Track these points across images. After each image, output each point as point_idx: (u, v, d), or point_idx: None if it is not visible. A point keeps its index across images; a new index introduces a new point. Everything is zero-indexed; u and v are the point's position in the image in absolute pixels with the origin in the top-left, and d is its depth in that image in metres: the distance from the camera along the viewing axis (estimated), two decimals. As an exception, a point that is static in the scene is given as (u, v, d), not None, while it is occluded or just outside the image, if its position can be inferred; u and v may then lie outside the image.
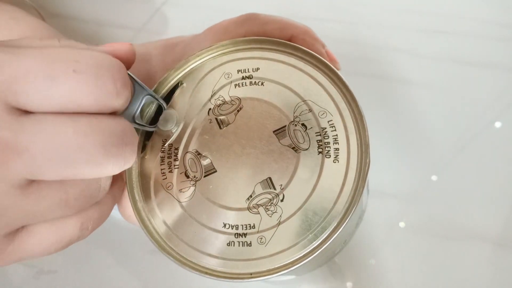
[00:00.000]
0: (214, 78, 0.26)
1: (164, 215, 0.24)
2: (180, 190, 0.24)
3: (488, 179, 0.35)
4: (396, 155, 0.37)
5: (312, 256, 0.21)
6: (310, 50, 0.25)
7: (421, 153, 0.37)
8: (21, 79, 0.17)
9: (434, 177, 0.36)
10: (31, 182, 0.18)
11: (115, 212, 0.37)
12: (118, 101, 0.19)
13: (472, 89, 0.40)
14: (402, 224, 0.34)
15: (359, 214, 0.27)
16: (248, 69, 0.25)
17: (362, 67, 0.41)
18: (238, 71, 0.25)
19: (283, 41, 0.25)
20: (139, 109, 0.23)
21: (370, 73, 0.41)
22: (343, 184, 0.22)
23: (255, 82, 0.25)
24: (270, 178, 0.23)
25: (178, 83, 0.26)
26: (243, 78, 0.25)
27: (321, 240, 0.22)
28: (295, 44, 0.25)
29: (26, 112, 0.18)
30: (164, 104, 0.25)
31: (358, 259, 0.33)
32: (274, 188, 0.23)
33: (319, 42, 0.26)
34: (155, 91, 0.25)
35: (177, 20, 0.45)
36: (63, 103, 0.18)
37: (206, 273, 0.22)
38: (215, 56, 0.26)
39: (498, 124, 0.38)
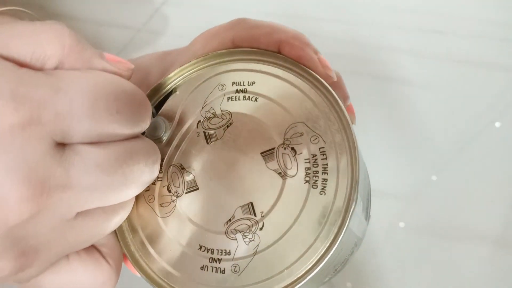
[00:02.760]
0: (208, 88, 0.24)
1: (142, 227, 0.23)
2: (161, 205, 0.23)
3: (488, 179, 0.35)
4: (396, 155, 0.36)
5: None
6: (300, 55, 0.23)
7: (421, 153, 0.37)
8: (66, 119, 0.17)
9: (434, 177, 0.36)
10: (77, 215, 0.19)
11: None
12: (142, 129, 0.21)
13: (472, 89, 0.40)
14: (402, 224, 0.34)
15: (354, 242, 0.25)
16: (243, 82, 0.24)
17: (361, 67, 0.41)
18: (233, 83, 0.24)
19: (282, 56, 0.24)
20: None
21: (369, 73, 0.41)
22: (327, 219, 0.21)
23: (248, 97, 0.23)
24: (251, 203, 0.22)
25: (171, 91, 0.25)
26: (237, 91, 0.24)
27: (297, 277, 0.20)
28: (295, 61, 0.23)
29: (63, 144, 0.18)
30: (154, 111, 0.24)
31: (358, 259, 0.33)
32: (255, 215, 0.21)
33: (311, 48, 0.24)
34: (148, 97, 0.24)
35: (177, 20, 0.45)
36: (101, 136, 0.19)
37: None
38: (211, 64, 0.25)
39: (498, 124, 0.38)
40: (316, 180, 0.21)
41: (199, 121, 0.24)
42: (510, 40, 0.42)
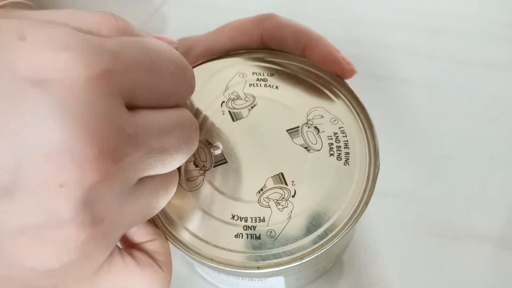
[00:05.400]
0: (228, 74, 0.26)
1: (171, 202, 0.23)
2: (188, 179, 0.24)
3: (487, 179, 0.35)
4: (395, 155, 0.36)
5: (321, 251, 0.22)
6: (325, 53, 0.26)
7: (421, 153, 0.37)
8: (134, 73, 0.17)
9: (433, 177, 0.36)
10: (135, 184, 0.18)
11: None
12: (190, 95, 0.22)
13: (472, 89, 0.39)
14: (402, 224, 0.34)
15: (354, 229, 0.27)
16: (263, 73, 0.26)
17: (361, 67, 0.41)
18: (253, 73, 0.26)
19: (299, 56, 0.26)
20: None
21: (369, 72, 0.41)
22: (354, 186, 0.23)
23: (269, 85, 0.26)
24: (282, 174, 0.23)
25: None
26: (257, 80, 0.26)
27: (330, 236, 0.22)
28: (308, 60, 0.26)
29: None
30: None
31: (358, 259, 0.33)
32: (286, 184, 0.23)
33: (334, 48, 0.26)
34: None
35: (176, 20, 0.45)
36: (160, 100, 0.19)
37: (212, 260, 0.22)
38: (230, 56, 0.27)
39: (498, 124, 0.38)
40: (340, 153, 0.24)
41: (223, 101, 0.25)
42: (510, 40, 0.42)
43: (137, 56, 0.18)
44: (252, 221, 0.23)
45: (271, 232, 0.22)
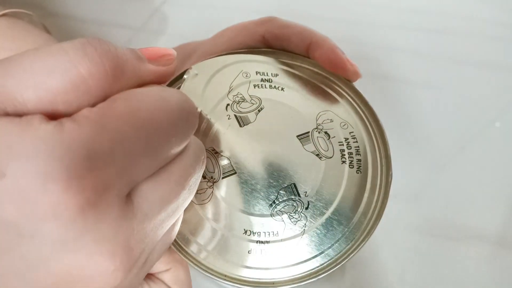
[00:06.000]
0: (231, 74, 0.25)
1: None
2: (197, 192, 0.22)
3: (488, 179, 0.35)
4: (395, 155, 0.36)
5: (337, 266, 0.21)
6: (330, 54, 0.25)
7: (421, 153, 0.37)
8: (129, 170, 0.16)
9: (434, 177, 0.36)
10: None
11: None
12: (192, 133, 0.20)
13: (472, 89, 0.40)
14: (402, 224, 0.34)
15: None
16: (267, 72, 0.25)
17: (361, 67, 0.41)
18: (257, 73, 0.25)
19: (303, 56, 0.25)
20: None
21: (369, 72, 0.41)
22: (367, 195, 0.22)
23: (275, 86, 0.24)
24: (294, 184, 0.22)
25: (186, 70, 0.24)
26: (262, 80, 0.25)
27: (345, 249, 0.21)
28: (313, 60, 0.25)
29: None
30: None
31: (358, 259, 0.33)
32: (299, 195, 0.22)
33: (339, 49, 0.26)
34: (169, 85, 0.24)
35: (176, 20, 0.45)
36: (160, 164, 0.17)
37: (226, 277, 0.21)
38: (233, 53, 0.25)
39: (498, 124, 0.38)
40: (352, 161, 0.23)
41: (228, 104, 0.24)
42: (510, 40, 0.42)
43: (133, 140, 0.15)
44: (265, 236, 0.22)
45: (285, 247, 0.21)
